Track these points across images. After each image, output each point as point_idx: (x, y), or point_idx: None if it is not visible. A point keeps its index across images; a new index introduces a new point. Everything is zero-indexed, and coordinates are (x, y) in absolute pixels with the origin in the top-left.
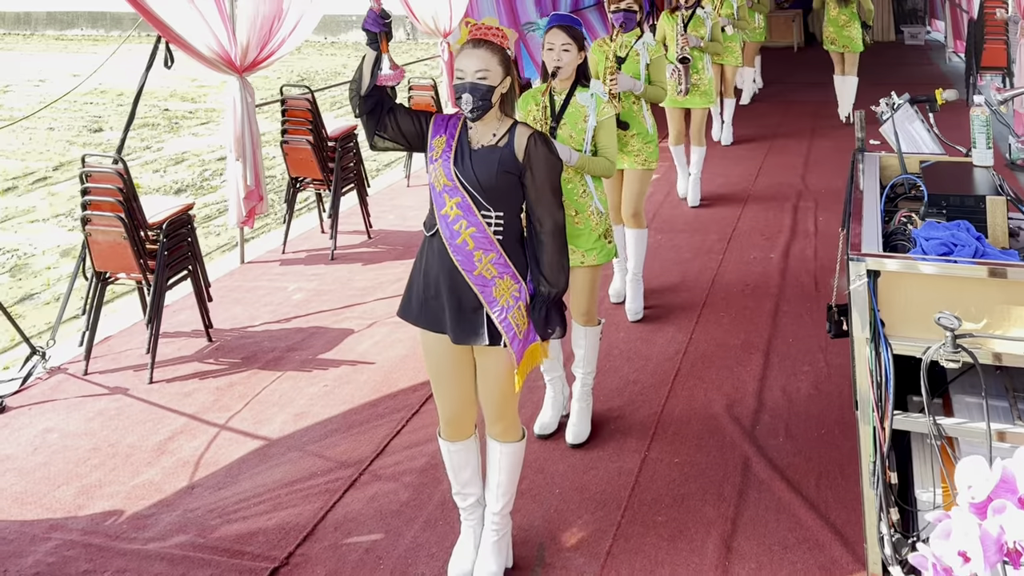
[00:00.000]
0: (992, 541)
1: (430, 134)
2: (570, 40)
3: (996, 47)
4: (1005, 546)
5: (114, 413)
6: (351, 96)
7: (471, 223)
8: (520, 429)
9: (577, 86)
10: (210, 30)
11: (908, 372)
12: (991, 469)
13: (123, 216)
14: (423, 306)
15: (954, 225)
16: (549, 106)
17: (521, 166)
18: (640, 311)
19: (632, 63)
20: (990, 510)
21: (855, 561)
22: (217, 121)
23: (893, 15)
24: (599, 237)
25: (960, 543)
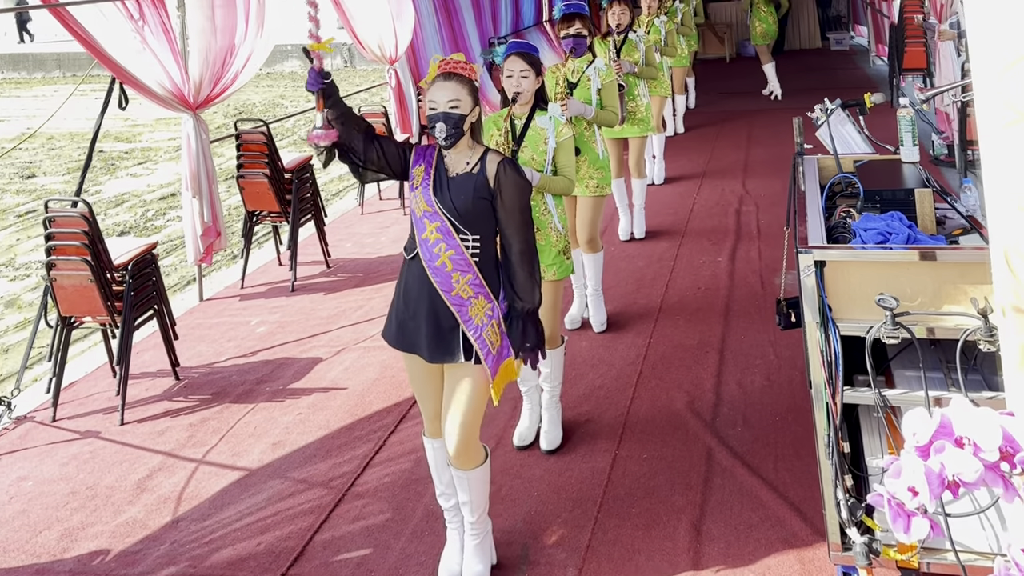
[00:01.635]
0: (935, 476)
1: (411, 163)
2: (528, 66)
3: (916, 50)
4: (946, 479)
5: (88, 456)
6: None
7: (450, 246)
8: (482, 451)
9: (536, 109)
10: (163, 68)
11: (851, 354)
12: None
13: (89, 259)
14: (400, 328)
15: (888, 216)
16: (511, 130)
17: (492, 191)
18: (604, 322)
19: (584, 88)
20: (932, 450)
21: (814, 533)
22: (155, 160)
23: (819, 22)
24: (558, 253)
25: (909, 480)
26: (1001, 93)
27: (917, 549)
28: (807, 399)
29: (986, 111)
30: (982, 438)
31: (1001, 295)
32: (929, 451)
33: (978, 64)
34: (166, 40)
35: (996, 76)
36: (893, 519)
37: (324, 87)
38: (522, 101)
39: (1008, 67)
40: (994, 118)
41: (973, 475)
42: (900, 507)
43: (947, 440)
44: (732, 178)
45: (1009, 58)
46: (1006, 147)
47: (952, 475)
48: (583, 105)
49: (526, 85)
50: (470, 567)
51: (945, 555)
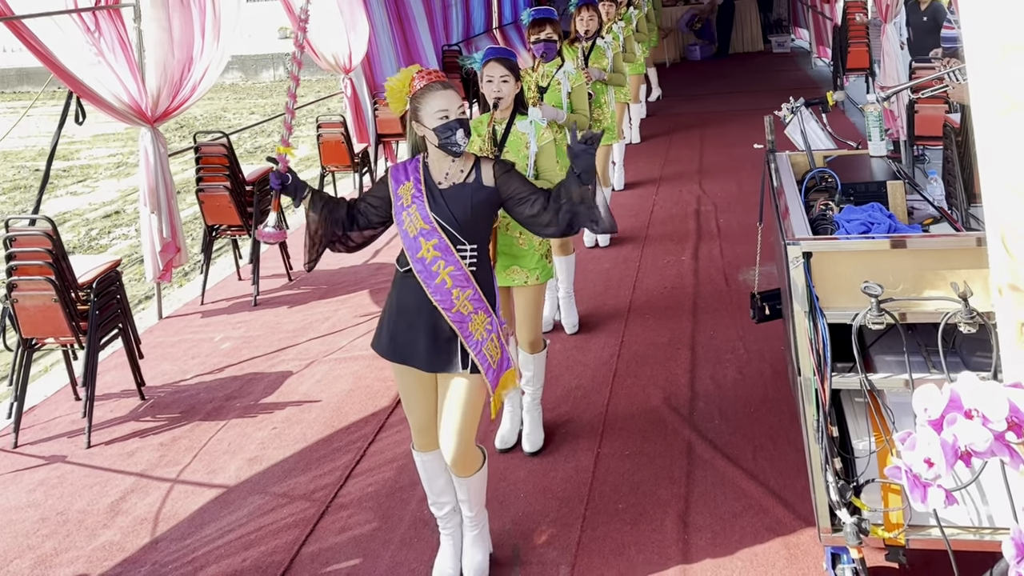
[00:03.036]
0: (949, 447)
1: (392, 188)
2: (508, 72)
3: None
4: (959, 450)
5: (56, 481)
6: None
7: (449, 262)
8: (479, 456)
9: (516, 115)
10: (119, 81)
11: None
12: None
13: (53, 278)
14: (393, 339)
15: (869, 207)
16: (493, 136)
17: (496, 191)
18: (576, 324)
19: (554, 93)
20: (945, 423)
21: (797, 519)
22: (95, 177)
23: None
24: (541, 257)
25: (925, 452)
26: (996, 81)
27: (903, 527)
28: (779, 390)
29: (981, 99)
30: (990, 410)
31: (998, 275)
32: (942, 424)
33: (973, 53)
34: (123, 53)
35: (991, 64)
36: (911, 489)
37: (285, 187)
38: (503, 106)
39: (1003, 56)
40: (989, 106)
41: (983, 445)
42: (916, 478)
43: (958, 413)
44: (688, 180)
45: (1004, 47)
46: (1001, 134)
47: (964, 446)
48: (555, 110)
49: (507, 90)
50: (471, 558)
51: (930, 531)
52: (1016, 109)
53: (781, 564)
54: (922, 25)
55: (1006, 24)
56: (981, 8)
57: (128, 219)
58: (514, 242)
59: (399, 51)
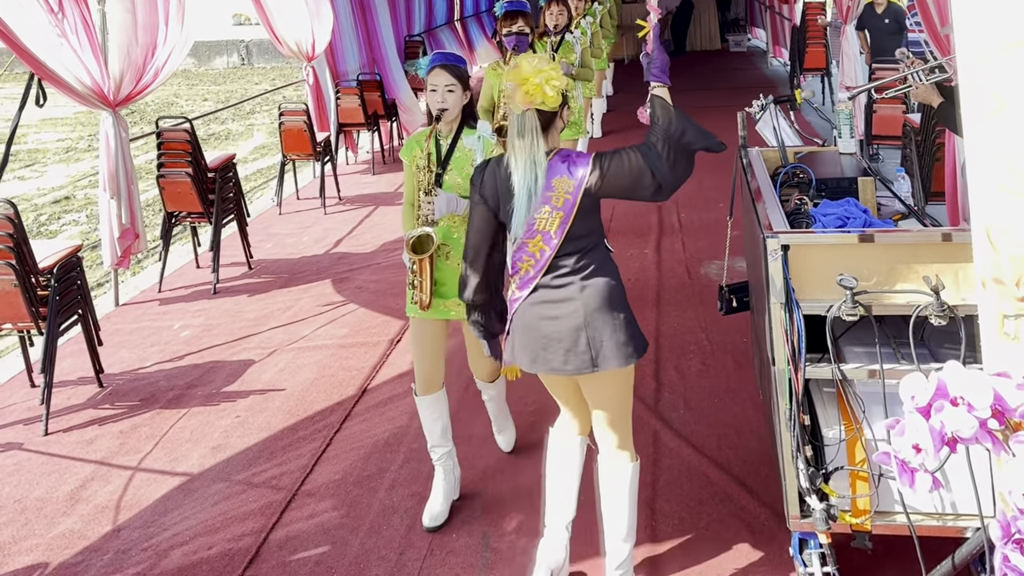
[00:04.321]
0: (936, 433)
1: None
2: (455, 80)
3: (816, 50)
4: (945, 436)
5: (12, 469)
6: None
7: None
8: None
9: (464, 128)
10: (82, 64)
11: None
12: (927, 381)
13: (14, 263)
14: None
15: (844, 202)
16: (435, 151)
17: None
18: None
19: None
20: (932, 410)
21: (761, 506)
22: (43, 162)
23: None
24: None
25: (913, 438)
26: (985, 81)
27: (870, 513)
28: (742, 380)
29: (970, 98)
30: (975, 398)
31: (982, 268)
32: (930, 411)
33: (963, 53)
34: (86, 35)
35: (980, 64)
36: (899, 475)
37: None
38: (448, 118)
39: (991, 56)
40: (978, 105)
41: (969, 431)
42: (904, 464)
43: (944, 400)
44: None
45: (993, 47)
46: (989, 133)
47: (951, 432)
48: None
49: (452, 100)
50: None
51: (895, 517)
52: (1004, 108)
53: (747, 550)
54: (883, 27)
55: (997, 24)
56: (972, 9)
57: (79, 205)
58: (454, 272)
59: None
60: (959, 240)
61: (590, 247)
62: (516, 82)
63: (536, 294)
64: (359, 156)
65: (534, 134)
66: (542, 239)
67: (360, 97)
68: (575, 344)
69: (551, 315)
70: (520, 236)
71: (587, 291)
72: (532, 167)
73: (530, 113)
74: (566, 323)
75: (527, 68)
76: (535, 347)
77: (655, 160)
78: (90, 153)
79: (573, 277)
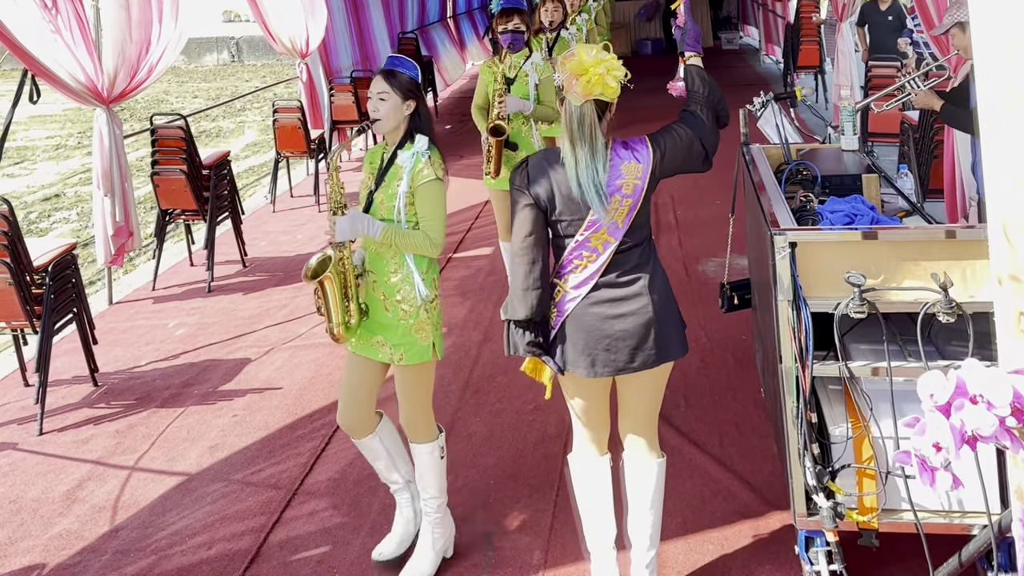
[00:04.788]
0: (957, 432)
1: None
2: (388, 88)
3: (810, 48)
4: (966, 434)
5: (7, 469)
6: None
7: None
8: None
9: (405, 142)
10: (76, 60)
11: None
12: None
13: (8, 261)
14: None
15: (852, 199)
16: (379, 166)
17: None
18: None
19: (521, 84)
20: (952, 408)
21: (765, 504)
22: (32, 160)
23: (711, 22)
24: (408, 331)
25: (934, 436)
26: (1003, 75)
27: (877, 511)
28: (742, 378)
29: (987, 92)
30: (994, 395)
31: (998, 265)
32: (950, 409)
33: (980, 47)
34: (80, 32)
35: (999, 59)
36: (920, 474)
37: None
38: (383, 129)
39: (1010, 50)
40: (995, 99)
41: (989, 429)
42: (924, 463)
43: (964, 399)
44: None
45: (1011, 42)
46: (1006, 126)
47: (971, 430)
48: (521, 101)
49: (384, 110)
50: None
51: (902, 515)
52: (1020, 102)
53: (751, 548)
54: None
55: (1015, 19)
56: (990, 4)
57: (68, 203)
58: (378, 306)
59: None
60: (967, 237)
61: (646, 238)
62: (576, 73)
63: (597, 292)
64: (352, 153)
65: (594, 126)
66: (607, 231)
67: (354, 94)
68: (644, 340)
69: (617, 313)
70: (579, 231)
71: (654, 286)
72: (593, 160)
73: (589, 105)
74: (635, 320)
75: (587, 58)
76: (596, 349)
77: (701, 128)
78: (79, 150)
79: (639, 273)
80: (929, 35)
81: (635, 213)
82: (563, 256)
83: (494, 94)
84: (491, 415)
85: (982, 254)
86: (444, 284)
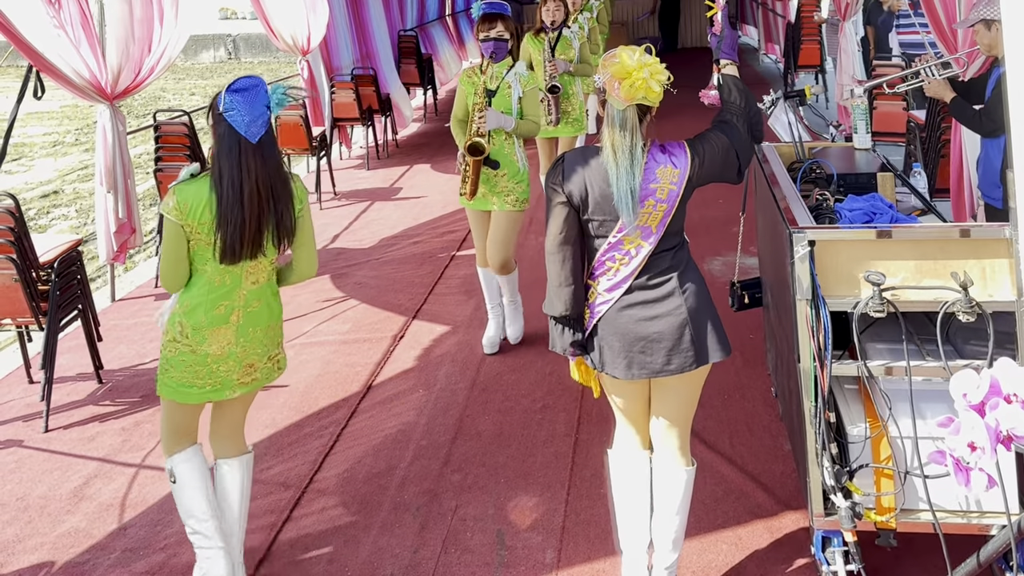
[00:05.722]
0: (992, 431)
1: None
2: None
3: (811, 47)
4: (1001, 434)
5: (14, 466)
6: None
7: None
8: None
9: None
10: (79, 56)
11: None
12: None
13: (15, 257)
14: None
15: (870, 197)
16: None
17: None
18: (520, 335)
19: (503, 96)
20: (987, 408)
21: (777, 503)
22: (30, 156)
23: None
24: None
25: (969, 436)
26: None
27: (895, 511)
28: (751, 377)
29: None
30: None
31: None
32: (984, 409)
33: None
34: (84, 28)
35: None
36: (955, 474)
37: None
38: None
39: None
40: None
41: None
42: (959, 462)
43: (998, 398)
44: None
45: None
46: None
47: (1006, 430)
48: (502, 116)
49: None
50: None
51: (919, 515)
52: None
53: (765, 547)
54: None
55: None
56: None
57: (67, 199)
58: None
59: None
60: (986, 236)
61: (681, 243)
62: (619, 77)
63: (630, 295)
64: (352, 151)
65: (635, 131)
66: (641, 235)
67: (355, 92)
68: (678, 342)
69: (650, 315)
70: (612, 233)
71: (688, 287)
72: (631, 165)
73: (632, 109)
74: (668, 321)
75: (631, 62)
76: (631, 351)
77: (737, 138)
78: (77, 147)
79: (671, 274)
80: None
81: (670, 219)
82: (596, 257)
83: (473, 108)
84: (499, 413)
85: (1001, 253)
86: (448, 282)
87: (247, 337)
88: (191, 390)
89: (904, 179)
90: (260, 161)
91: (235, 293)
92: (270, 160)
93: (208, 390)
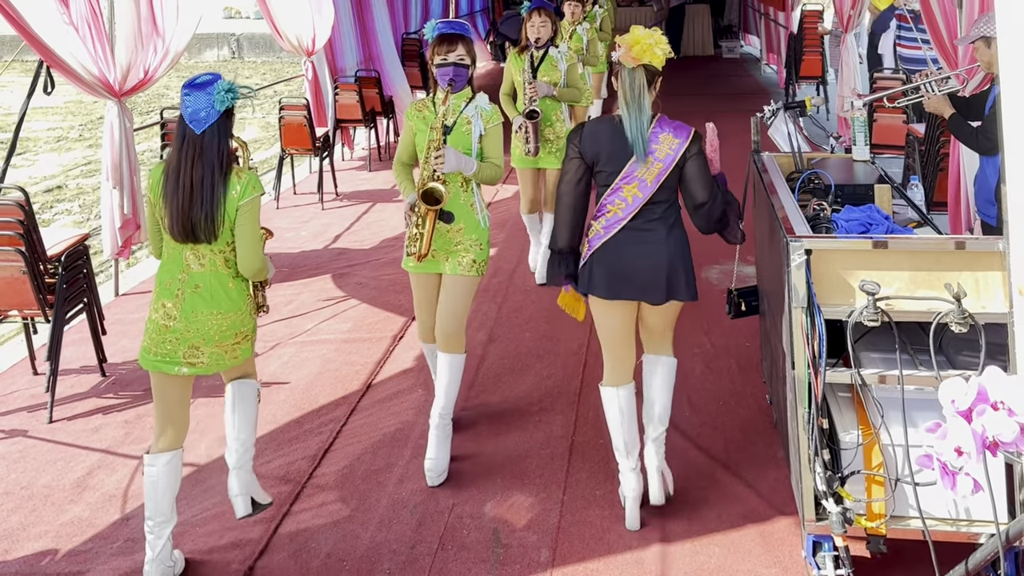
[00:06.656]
0: (979, 437)
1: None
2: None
3: (813, 58)
4: (987, 440)
5: (18, 456)
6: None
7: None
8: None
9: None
10: (88, 53)
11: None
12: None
13: (23, 249)
14: None
15: (867, 208)
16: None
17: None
18: (444, 469)
19: (460, 134)
20: (974, 414)
21: (771, 508)
22: (34, 151)
23: (712, 31)
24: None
25: (956, 441)
26: None
27: (885, 517)
28: (746, 384)
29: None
30: (1015, 402)
31: (1019, 276)
32: (971, 415)
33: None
34: (93, 24)
35: None
36: (941, 478)
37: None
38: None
39: None
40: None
41: (1010, 435)
42: (946, 467)
43: (985, 405)
44: None
45: None
46: None
47: (992, 436)
48: (461, 157)
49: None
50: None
51: (909, 522)
52: None
53: (757, 551)
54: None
55: None
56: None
57: (71, 194)
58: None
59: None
60: (980, 248)
61: (672, 202)
62: (629, 43)
63: (623, 234)
64: (355, 152)
65: (643, 89)
66: (638, 186)
67: (358, 93)
68: (654, 279)
69: (637, 252)
70: (615, 181)
71: (671, 237)
72: (640, 113)
73: (639, 70)
74: (650, 261)
75: (640, 32)
76: (617, 278)
77: (715, 195)
78: (81, 143)
79: (660, 224)
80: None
81: (664, 177)
82: (600, 201)
83: (428, 146)
84: (496, 415)
85: (994, 265)
86: None
87: (189, 318)
88: (148, 356)
89: (901, 191)
90: (198, 151)
91: (180, 270)
92: (208, 152)
93: (158, 359)
